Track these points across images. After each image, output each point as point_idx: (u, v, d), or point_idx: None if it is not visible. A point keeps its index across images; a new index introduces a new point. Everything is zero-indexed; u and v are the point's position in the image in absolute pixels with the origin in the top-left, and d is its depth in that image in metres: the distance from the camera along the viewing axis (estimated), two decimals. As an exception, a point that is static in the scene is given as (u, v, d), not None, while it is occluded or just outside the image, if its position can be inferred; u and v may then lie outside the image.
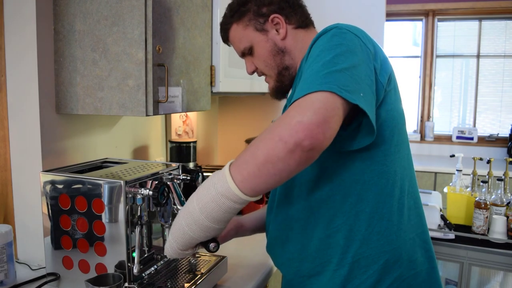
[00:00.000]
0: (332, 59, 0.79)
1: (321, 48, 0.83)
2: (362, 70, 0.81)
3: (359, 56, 0.82)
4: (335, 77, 0.76)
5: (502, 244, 1.85)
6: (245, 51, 1.08)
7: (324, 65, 0.78)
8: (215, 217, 0.79)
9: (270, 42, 1.04)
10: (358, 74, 0.79)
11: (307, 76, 0.79)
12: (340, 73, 0.76)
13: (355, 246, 0.89)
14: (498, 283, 2.21)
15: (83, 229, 1.05)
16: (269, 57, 1.05)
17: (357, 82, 0.78)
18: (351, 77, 0.77)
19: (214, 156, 2.55)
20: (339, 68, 0.77)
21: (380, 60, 0.88)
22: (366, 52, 0.85)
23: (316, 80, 0.76)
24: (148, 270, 1.14)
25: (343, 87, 0.74)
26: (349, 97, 0.74)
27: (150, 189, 1.04)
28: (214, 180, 0.79)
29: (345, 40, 0.83)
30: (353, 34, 0.85)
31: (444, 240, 1.91)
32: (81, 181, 1.05)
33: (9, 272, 1.11)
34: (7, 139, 1.26)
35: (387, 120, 0.89)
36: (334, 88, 0.73)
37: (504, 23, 4.02)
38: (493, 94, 4.11)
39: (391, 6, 3.95)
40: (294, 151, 0.70)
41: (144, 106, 1.15)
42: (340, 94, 0.73)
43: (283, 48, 1.04)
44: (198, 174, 1.23)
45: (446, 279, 2.22)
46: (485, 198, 1.92)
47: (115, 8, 1.14)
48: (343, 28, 0.86)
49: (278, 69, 1.05)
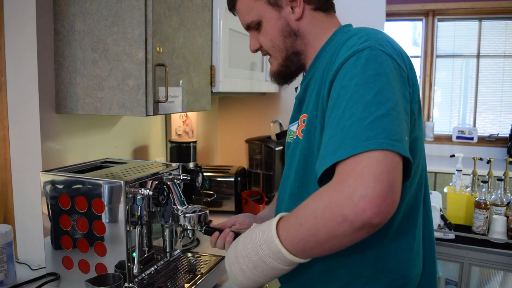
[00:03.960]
0: (374, 99, 0.68)
1: (357, 80, 0.71)
2: (401, 104, 0.71)
3: (397, 87, 0.72)
4: (384, 126, 0.66)
5: (502, 244, 1.85)
6: (252, 25, 0.94)
7: (366, 108, 0.67)
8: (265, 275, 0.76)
9: (282, 21, 0.90)
10: (400, 112, 0.70)
11: (349, 123, 0.68)
12: (387, 118, 0.67)
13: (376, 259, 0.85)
14: (498, 283, 2.21)
15: (83, 229, 1.05)
16: (279, 38, 0.91)
17: (400, 123, 0.69)
18: (397, 119, 0.68)
19: (214, 156, 2.55)
20: (385, 112, 0.67)
21: (411, 81, 0.78)
22: (402, 77, 0.75)
23: (363, 133, 0.65)
24: (148, 270, 1.14)
25: (395, 139, 0.65)
26: (403, 151, 0.65)
27: (150, 189, 1.04)
28: (270, 258, 0.72)
29: (382, 67, 0.72)
30: (387, 56, 0.74)
31: (444, 240, 1.91)
32: (81, 181, 1.05)
33: (9, 272, 1.11)
34: (7, 139, 1.26)
35: (419, 147, 0.82)
36: (386, 143, 0.64)
37: (504, 23, 4.02)
38: (493, 94, 4.11)
39: (391, 6, 3.95)
40: (362, 228, 0.63)
41: (144, 106, 1.15)
42: (395, 149, 0.64)
43: (296, 30, 0.91)
44: (198, 174, 1.23)
45: (446, 279, 2.22)
46: (485, 198, 1.92)
47: (115, 8, 1.14)
48: (376, 49, 0.74)
49: (287, 52, 0.93)
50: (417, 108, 0.80)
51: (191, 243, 1.48)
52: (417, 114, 0.79)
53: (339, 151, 0.66)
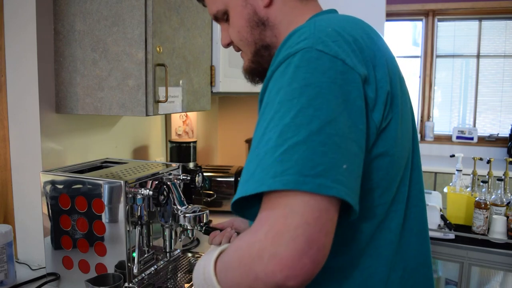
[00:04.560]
0: (293, 121, 0.54)
1: (281, 95, 0.57)
2: (341, 121, 0.55)
3: (337, 98, 0.56)
4: (297, 158, 0.52)
5: (502, 244, 1.85)
6: (219, 15, 0.82)
7: (282, 134, 0.53)
8: None
9: (248, 9, 0.77)
10: (335, 133, 0.54)
11: (263, 151, 0.55)
12: (305, 146, 0.52)
13: None
14: (498, 283, 2.21)
15: (83, 229, 1.05)
16: (246, 29, 0.78)
17: (337, 147, 0.53)
18: (322, 145, 0.52)
19: (214, 156, 2.55)
20: (303, 138, 0.52)
21: (377, 82, 0.62)
22: (350, 82, 0.58)
23: (272, 167, 0.52)
24: (148, 270, 1.14)
25: (311, 174, 0.51)
26: (323, 188, 0.51)
27: (150, 189, 1.04)
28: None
29: (313, 75, 0.57)
30: (329, 56, 0.58)
31: (444, 240, 1.91)
32: (81, 181, 1.05)
33: (9, 272, 1.11)
34: (7, 139, 1.26)
35: (379, 169, 0.64)
36: (294, 181, 0.51)
37: (504, 23, 4.02)
38: (493, 94, 4.11)
39: (391, 6, 3.95)
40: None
41: (144, 106, 1.15)
42: (306, 189, 0.50)
43: (264, 19, 0.77)
44: (198, 174, 1.23)
45: (446, 279, 2.22)
46: (485, 198, 1.92)
47: (115, 8, 1.14)
48: (312, 50, 0.58)
49: (256, 46, 0.80)
50: (385, 116, 0.63)
51: (191, 243, 1.48)
52: (385, 124, 0.63)
53: (248, 183, 0.55)
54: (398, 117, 0.65)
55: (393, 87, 0.65)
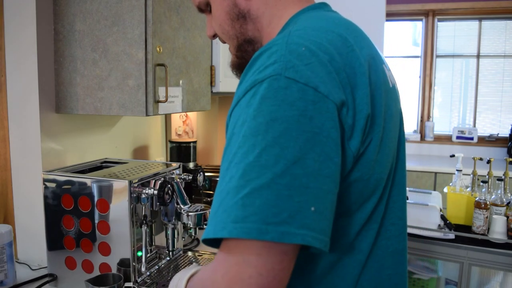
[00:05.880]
0: (258, 161, 0.50)
1: (245, 128, 0.53)
2: (313, 157, 0.51)
3: (307, 132, 0.51)
4: (260, 203, 0.49)
5: (502, 244, 1.85)
6: (201, 7, 0.79)
7: (245, 175, 0.50)
8: None
9: (228, 1, 0.73)
10: (305, 172, 0.50)
11: (226, 189, 0.52)
12: (268, 191, 0.49)
13: None
14: (498, 283, 2.21)
15: (87, 229, 1.06)
16: (226, 22, 0.74)
17: (304, 188, 0.50)
18: (291, 188, 0.49)
19: (214, 156, 2.55)
20: (267, 180, 0.49)
21: (355, 106, 0.57)
22: (323, 112, 0.53)
23: (233, 210, 0.49)
24: (152, 269, 1.14)
25: (275, 221, 0.48)
26: (296, 238, 0.49)
27: (155, 188, 1.04)
28: None
29: (280, 108, 0.51)
30: (300, 85, 0.52)
31: (444, 240, 1.91)
32: (84, 181, 1.05)
33: (9, 272, 1.11)
34: (7, 139, 1.26)
35: (352, 193, 0.61)
36: (256, 230, 0.48)
37: (504, 23, 4.02)
38: (493, 94, 4.11)
39: (391, 6, 3.95)
40: None
41: (144, 106, 1.15)
42: (267, 239, 0.48)
43: (245, 12, 0.72)
44: (199, 173, 1.24)
45: (446, 279, 2.22)
46: (485, 198, 1.92)
47: (115, 8, 1.15)
48: (280, 77, 0.53)
49: (238, 40, 0.75)
50: (363, 141, 0.58)
51: (191, 242, 1.48)
52: (363, 149, 0.59)
53: (211, 222, 0.52)
54: (378, 138, 0.61)
55: (375, 106, 0.60)
